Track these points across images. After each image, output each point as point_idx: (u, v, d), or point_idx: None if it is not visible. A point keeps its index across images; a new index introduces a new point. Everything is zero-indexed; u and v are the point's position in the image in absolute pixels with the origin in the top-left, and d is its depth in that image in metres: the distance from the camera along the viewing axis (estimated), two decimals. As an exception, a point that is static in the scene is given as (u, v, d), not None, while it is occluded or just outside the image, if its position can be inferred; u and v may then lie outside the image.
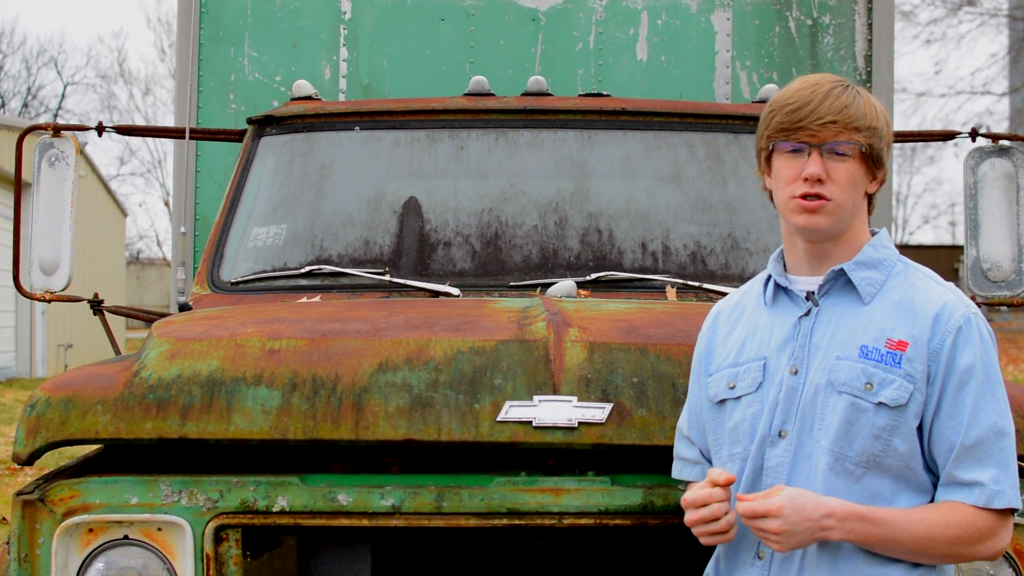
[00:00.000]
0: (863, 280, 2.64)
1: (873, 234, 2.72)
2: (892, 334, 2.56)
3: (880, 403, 2.53)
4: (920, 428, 2.56)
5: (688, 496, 2.63)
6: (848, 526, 2.48)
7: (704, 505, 2.58)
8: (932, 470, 2.59)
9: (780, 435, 2.61)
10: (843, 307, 2.64)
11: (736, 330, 2.79)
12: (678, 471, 2.89)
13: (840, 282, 2.65)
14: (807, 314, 2.65)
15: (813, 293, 2.66)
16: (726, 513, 2.58)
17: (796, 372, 2.62)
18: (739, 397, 2.69)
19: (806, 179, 2.58)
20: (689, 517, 2.63)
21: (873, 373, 2.54)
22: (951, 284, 2.69)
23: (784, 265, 2.75)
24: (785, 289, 2.72)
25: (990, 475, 2.52)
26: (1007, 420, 2.57)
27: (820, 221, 2.60)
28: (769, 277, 2.76)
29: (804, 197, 2.59)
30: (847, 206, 2.61)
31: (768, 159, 2.69)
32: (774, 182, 2.68)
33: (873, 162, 2.63)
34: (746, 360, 2.71)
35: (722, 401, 2.73)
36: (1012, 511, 2.56)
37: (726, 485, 2.58)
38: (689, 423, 2.85)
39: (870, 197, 2.71)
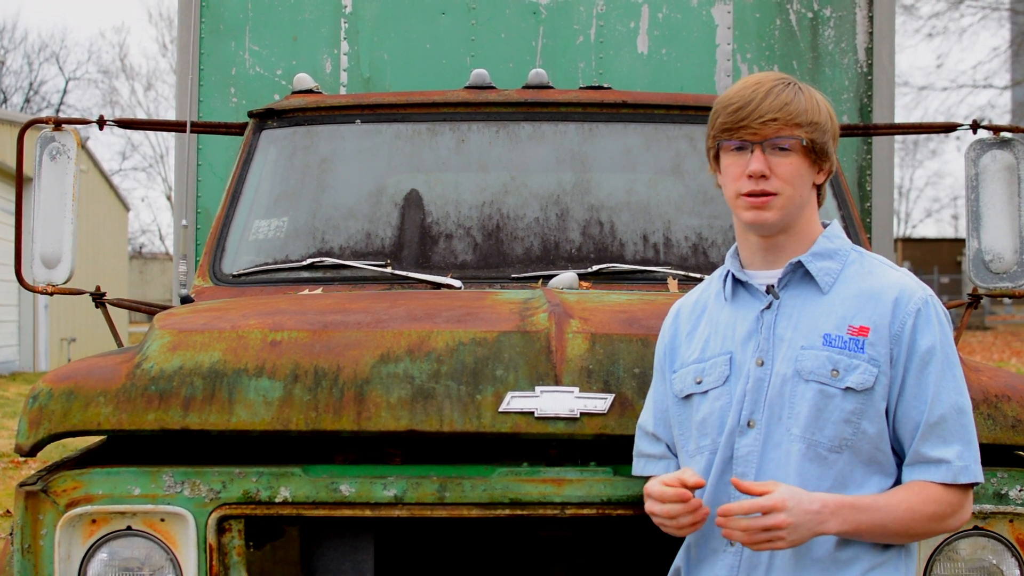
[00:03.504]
0: (821, 270, 2.71)
1: (825, 226, 2.79)
2: (853, 321, 2.64)
3: (847, 388, 2.61)
4: (886, 410, 2.64)
5: (655, 489, 2.69)
6: (841, 516, 2.54)
7: (672, 501, 2.64)
8: (896, 451, 2.67)
9: (749, 425, 2.68)
10: (803, 298, 2.71)
11: (699, 328, 2.85)
12: (641, 468, 2.92)
13: (798, 274, 2.73)
14: (768, 307, 2.72)
15: (773, 286, 2.73)
16: (690, 513, 2.64)
17: (762, 364, 2.68)
18: (706, 391, 2.75)
19: (750, 176, 2.67)
20: (653, 508, 2.70)
21: (838, 360, 2.62)
22: (904, 268, 2.77)
23: (740, 261, 2.82)
24: (744, 283, 2.78)
25: (955, 452, 2.61)
26: (966, 398, 2.66)
27: (768, 216, 2.68)
28: (727, 273, 2.82)
29: (751, 194, 2.67)
30: (794, 199, 2.69)
31: (716, 158, 2.77)
32: (723, 179, 2.77)
33: (817, 155, 2.71)
34: (711, 355, 2.77)
35: (688, 396, 2.79)
36: (974, 485, 2.66)
37: (695, 488, 2.63)
38: (655, 420, 2.89)
39: (819, 188, 2.78)
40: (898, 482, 2.66)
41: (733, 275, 2.80)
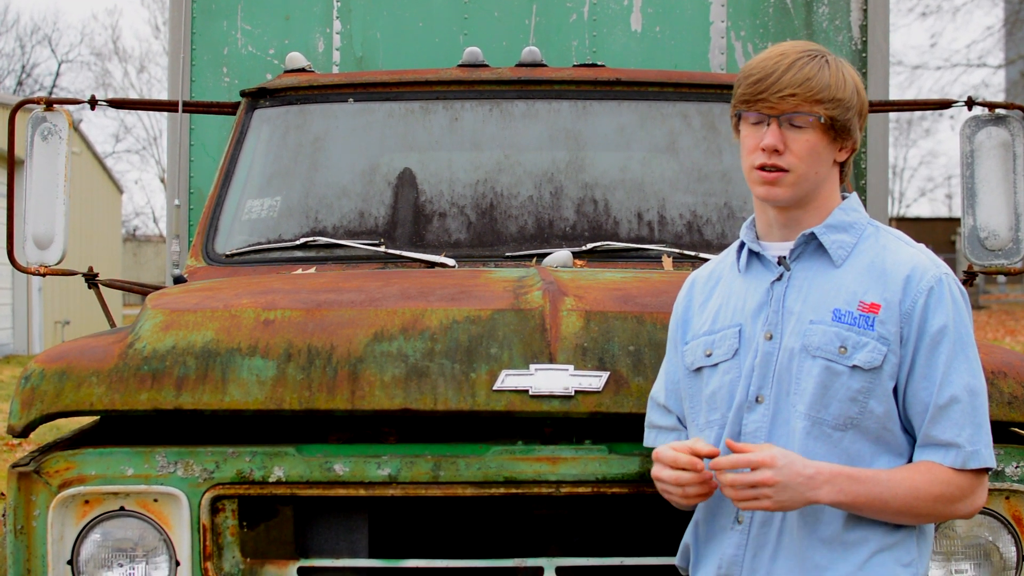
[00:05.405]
0: (833, 243, 2.65)
1: (844, 199, 2.73)
2: (864, 297, 2.58)
3: (854, 366, 2.55)
4: (896, 390, 2.58)
5: (667, 454, 2.62)
6: (837, 485, 2.49)
7: (681, 469, 2.59)
8: (909, 431, 2.61)
9: (757, 400, 2.63)
10: (815, 271, 2.65)
11: (712, 298, 2.80)
12: (652, 439, 2.89)
13: (811, 246, 2.67)
14: (779, 279, 2.67)
15: (785, 258, 2.67)
16: (700, 483, 2.59)
17: (771, 337, 2.63)
18: (716, 364, 2.70)
19: (763, 149, 2.61)
20: (660, 473, 2.64)
21: (846, 336, 2.56)
22: (922, 245, 2.70)
23: (756, 232, 2.77)
24: (758, 255, 2.73)
25: (966, 435, 2.54)
26: (980, 380, 2.59)
27: (779, 192, 2.63)
28: (742, 244, 2.77)
29: (763, 168, 2.62)
30: (808, 176, 2.62)
31: (737, 127, 2.72)
32: (741, 150, 2.71)
33: (837, 132, 2.63)
34: (722, 327, 2.72)
35: (699, 369, 2.75)
36: (988, 470, 2.59)
37: (710, 456, 2.57)
38: (666, 392, 2.86)
39: (842, 164, 2.72)
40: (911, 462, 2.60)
41: (748, 246, 2.75)
